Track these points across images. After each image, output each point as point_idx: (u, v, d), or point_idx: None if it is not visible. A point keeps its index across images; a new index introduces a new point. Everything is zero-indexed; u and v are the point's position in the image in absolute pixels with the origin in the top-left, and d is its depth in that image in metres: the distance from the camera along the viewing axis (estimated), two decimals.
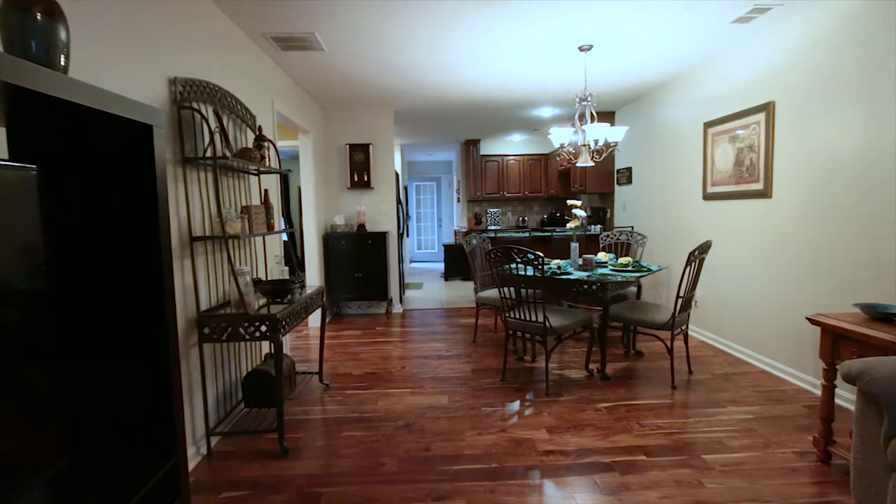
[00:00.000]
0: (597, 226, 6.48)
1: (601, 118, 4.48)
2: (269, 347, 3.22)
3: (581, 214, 3.85)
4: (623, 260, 3.59)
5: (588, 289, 3.28)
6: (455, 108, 5.71)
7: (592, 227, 6.44)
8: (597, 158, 3.75)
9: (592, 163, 3.75)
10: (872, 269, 2.60)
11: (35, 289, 1.12)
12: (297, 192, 7.59)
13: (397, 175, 6.43)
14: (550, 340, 3.18)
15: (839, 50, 2.77)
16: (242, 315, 2.33)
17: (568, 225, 3.89)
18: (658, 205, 5.05)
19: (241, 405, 2.80)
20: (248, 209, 2.66)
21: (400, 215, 6.21)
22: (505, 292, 3.21)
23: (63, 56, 1.08)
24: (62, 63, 1.07)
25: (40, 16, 1.02)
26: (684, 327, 3.35)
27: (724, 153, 3.85)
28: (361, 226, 5.48)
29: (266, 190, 3.18)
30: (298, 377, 3.34)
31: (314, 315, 4.88)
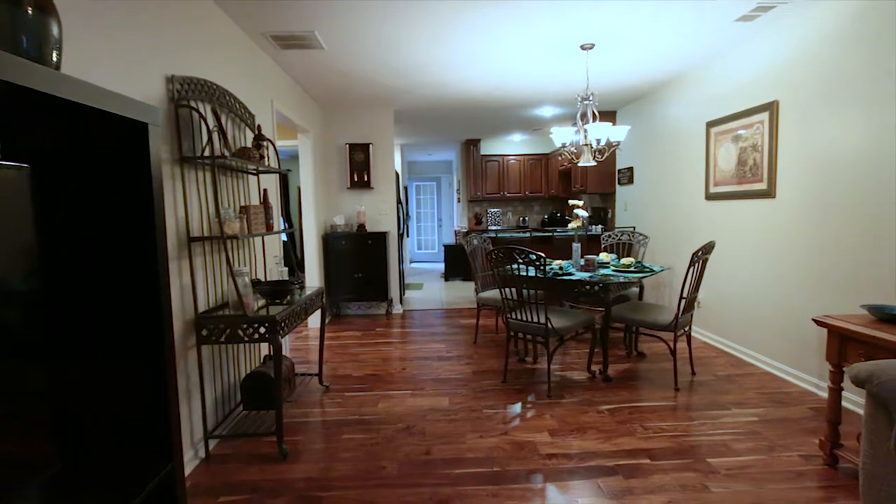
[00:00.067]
0: (598, 226, 6.45)
1: (602, 118, 4.46)
2: (269, 349, 3.20)
3: (583, 214, 3.82)
4: (625, 260, 3.56)
5: (590, 290, 3.25)
6: (455, 108, 5.69)
7: (594, 228, 6.40)
8: (599, 158, 3.73)
9: (594, 162, 3.72)
10: (876, 270, 2.57)
11: (30, 288, 1.11)
12: (297, 192, 7.56)
13: (397, 175, 6.40)
14: (552, 342, 3.15)
15: (842, 49, 2.75)
16: (241, 316, 2.30)
17: (570, 225, 3.86)
18: (660, 205, 5.02)
19: (240, 407, 2.78)
20: (247, 209, 2.63)
21: (400, 215, 6.18)
22: (506, 293, 3.18)
23: (55, 52, 1.04)
24: (54, 59, 1.04)
25: (31, 10, 0.98)
26: (687, 328, 3.33)
27: (727, 153, 3.82)
28: (361, 226, 5.46)
29: (265, 190, 3.15)
30: (298, 379, 3.31)
31: (314, 316, 4.85)
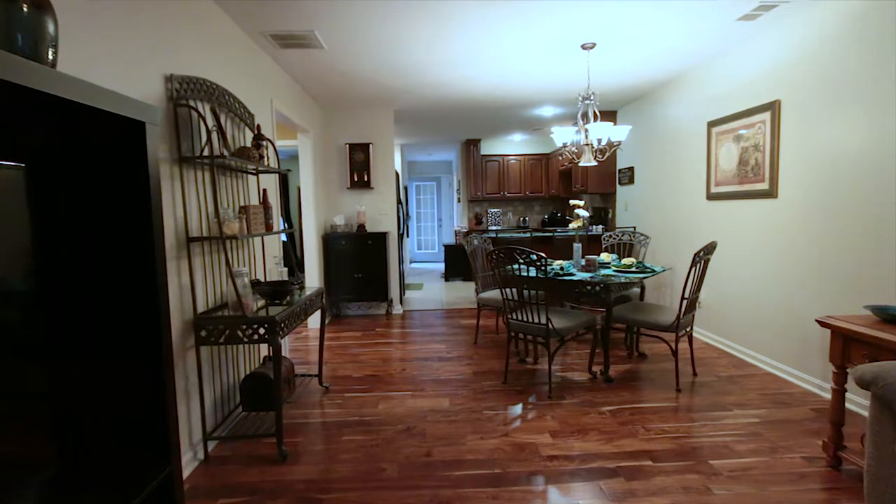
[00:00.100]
0: (598, 226, 6.44)
1: (603, 117, 4.44)
2: (268, 350, 3.18)
3: (584, 214, 3.80)
4: (626, 261, 3.54)
5: (591, 290, 3.24)
6: (455, 108, 5.67)
7: (594, 228, 6.39)
8: (600, 158, 3.71)
9: (595, 162, 3.71)
10: (878, 270, 2.56)
11: (29, 288, 1.11)
12: (297, 192, 7.54)
13: (397, 175, 6.39)
14: (553, 342, 3.13)
15: (844, 49, 2.74)
16: (240, 317, 2.29)
17: (570, 225, 3.85)
18: (661, 205, 5.01)
19: (239, 409, 2.76)
20: (247, 209, 2.62)
21: (400, 215, 6.17)
22: (507, 293, 3.17)
23: (51, 50, 1.03)
24: (50, 57, 1.03)
25: (27, 8, 0.97)
26: (689, 329, 3.31)
27: (729, 152, 3.81)
28: (361, 226, 5.44)
29: (265, 190, 3.14)
30: (297, 380, 3.30)
31: (314, 316, 4.83)
